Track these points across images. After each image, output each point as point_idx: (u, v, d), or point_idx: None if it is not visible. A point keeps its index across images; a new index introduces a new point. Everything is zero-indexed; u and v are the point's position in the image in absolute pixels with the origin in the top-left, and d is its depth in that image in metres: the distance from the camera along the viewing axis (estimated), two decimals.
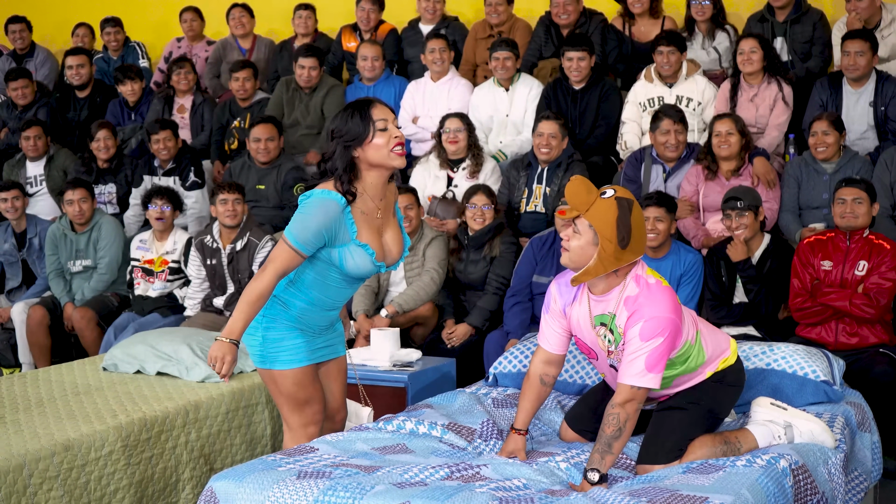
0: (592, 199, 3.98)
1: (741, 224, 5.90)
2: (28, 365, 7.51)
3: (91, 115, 9.17)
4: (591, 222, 3.97)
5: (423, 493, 3.65)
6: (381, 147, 4.03)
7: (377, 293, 6.68)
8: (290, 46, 9.19)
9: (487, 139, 7.80)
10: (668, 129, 6.74)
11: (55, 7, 11.11)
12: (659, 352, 3.95)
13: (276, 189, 7.69)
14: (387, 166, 4.08)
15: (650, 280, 4.05)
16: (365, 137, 4.01)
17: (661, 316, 3.97)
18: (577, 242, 4.01)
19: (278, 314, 4.16)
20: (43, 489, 4.47)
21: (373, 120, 4.01)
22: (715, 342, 4.30)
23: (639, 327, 3.96)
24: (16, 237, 7.96)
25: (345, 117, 4.06)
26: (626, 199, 4.00)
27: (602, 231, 3.96)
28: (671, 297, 4.04)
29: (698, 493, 3.63)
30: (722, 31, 7.87)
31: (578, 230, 4.01)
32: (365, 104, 4.07)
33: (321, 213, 3.98)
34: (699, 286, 6.04)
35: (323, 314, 4.24)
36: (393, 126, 4.06)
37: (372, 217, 4.13)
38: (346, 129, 4.03)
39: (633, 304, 4.01)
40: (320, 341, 4.30)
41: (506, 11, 8.43)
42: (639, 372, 3.94)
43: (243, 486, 3.84)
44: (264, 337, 4.17)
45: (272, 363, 4.19)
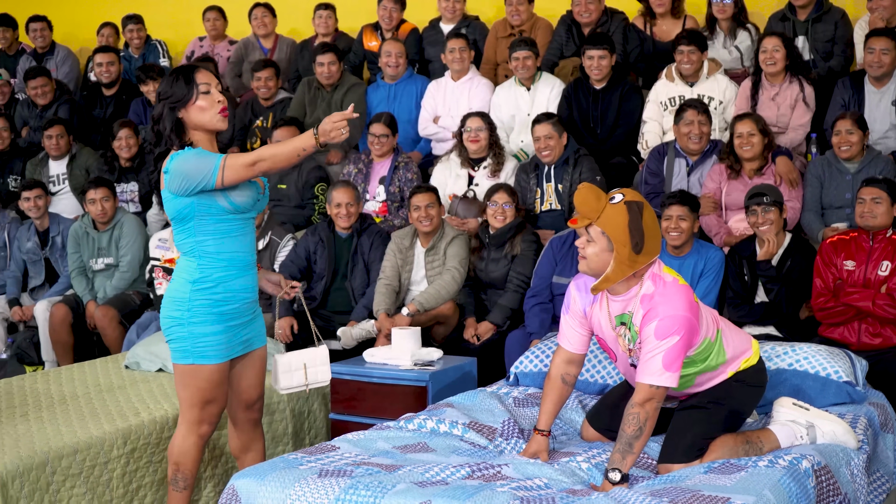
0: (602, 206, 4.00)
1: (767, 220, 5.87)
2: (51, 363, 7.54)
3: (117, 113, 9.20)
4: (604, 229, 3.99)
5: (444, 492, 3.65)
6: (205, 109, 4.22)
7: (398, 292, 6.68)
8: (311, 46, 9.21)
9: (509, 138, 7.80)
10: (692, 121, 6.72)
11: (76, 6, 11.15)
12: (675, 350, 3.95)
13: (298, 188, 7.70)
14: (209, 127, 4.26)
15: (667, 278, 4.06)
16: (189, 100, 4.20)
17: (676, 314, 3.97)
18: (592, 250, 4.03)
19: (204, 305, 4.22)
20: (66, 486, 4.49)
21: (196, 83, 4.21)
22: (737, 342, 4.30)
23: (653, 326, 3.97)
24: (39, 236, 8.00)
25: (170, 81, 4.26)
26: (636, 203, 4.02)
27: (615, 237, 3.97)
28: (687, 295, 4.05)
29: (720, 494, 3.62)
30: (743, 29, 7.83)
31: (592, 238, 4.03)
32: (190, 69, 4.27)
33: (187, 154, 4.14)
34: (718, 282, 6.01)
35: (242, 273, 4.29)
36: (216, 91, 4.25)
37: None
38: (171, 91, 4.23)
39: (649, 302, 4.02)
40: (244, 333, 4.36)
41: (526, 11, 8.42)
42: (656, 371, 3.95)
43: (265, 484, 3.85)
44: (191, 332, 4.22)
45: (195, 357, 4.24)
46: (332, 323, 6.70)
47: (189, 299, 4.21)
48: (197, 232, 4.21)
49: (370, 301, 6.66)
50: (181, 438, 4.35)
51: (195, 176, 4.11)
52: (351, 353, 6.34)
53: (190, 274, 4.22)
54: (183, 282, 4.23)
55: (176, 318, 4.23)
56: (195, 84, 4.20)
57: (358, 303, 6.76)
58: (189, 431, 4.34)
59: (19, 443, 4.55)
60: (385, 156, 7.62)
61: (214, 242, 4.21)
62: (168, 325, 4.27)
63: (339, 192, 6.81)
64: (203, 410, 4.31)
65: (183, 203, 4.16)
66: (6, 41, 10.56)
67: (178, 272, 4.26)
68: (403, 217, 7.34)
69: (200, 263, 4.21)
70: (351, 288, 6.83)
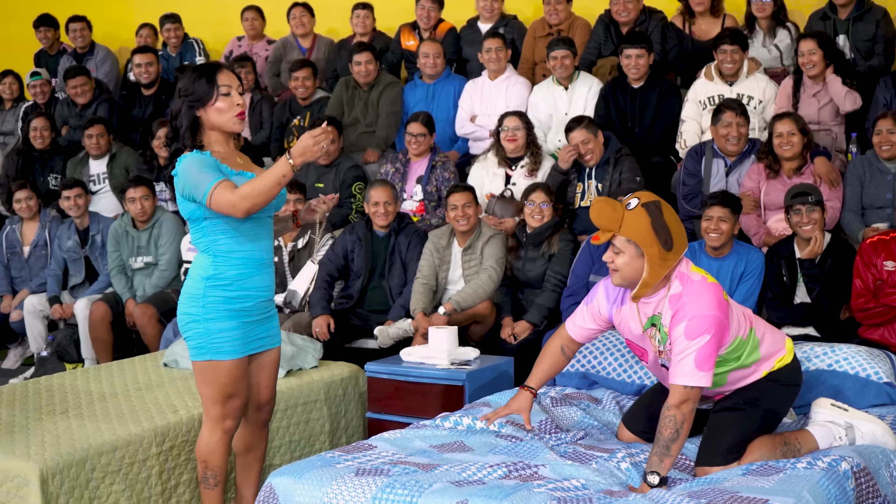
0: (621, 215, 3.99)
1: (811, 219, 5.81)
2: (90, 360, 7.59)
3: (156, 113, 9.25)
4: (629, 236, 3.98)
5: (481, 491, 3.65)
6: (223, 111, 4.21)
7: (435, 291, 6.69)
8: (349, 45, 9.22)
9: (546, 138, 7.78)
10: (730, 122, 6.68)
11: (116, 6, 11.23)
12: (707, 350, 3.93)
13: (335, 187, 7.72)
14: (225, 129, 4.25)
15: (695, 277, 4.05)
16: (208, 100, 4.19)
17: (705, 314, 3.95)
18: (622, 260, 4.02)
19: (218, 301, 4.23)
20: (105, 483, 4.52)
21: (218, 84, 4.19)
22: (771, 340, 4.27)
23: (683, 326, 3.95)
24: (79, 234, 8.05)
25: (192, 78, 4.23)
26: (654, 202, 4.02)
27: (643, 240, 3.96)
28: (716, 293, 4.02)
29: (759, 496, 3.60)
30: (783, 28, 7.78)
31: (619, 248, 4.02)
32: (213, 68, 4.25)
33: (195, 161, 4.15)
34: (759, 285, 5.98)
35: (258, 272, 4.29)
36: (236, 94, 4.23)
37: (233, 159, 4.29)
38: (191, 89, 4.21)
39: (678, 302, 4.00)
40: (259, 331, 4.37)
41: (565, 10, 8.40)
42: (689, 371, 3.92)
43: (302, 482, 3.87)
44: (206, 329, 4.23)
45: (213, 354, 4.25)
46: (369, 322, 6.71)
47: (203, 295, 4.23)
48: (210, 231, 4.22)
49: (407, 300, 6.66)
50: (207, 435, 4.37)
51: (191, 189, 4.14)
52: (388, 352, 6.35)
53: (204, 270, 4.23)
54: (198, 278, 4.25)
55: (191, 315, 4.25)
56: (216, 85, 4.19)
57: (395, 302, 6.77)
58: (214, 428, 4.36)
59: (59, 440, 4.58)
60: (422, 155, 7.63)
61: (228, 241, 4.22)
62: (184, 322, 4.29)
63: (377, 191, 6.82)
64: (225, 406, 4.32)
65: (194, 205, 4.19)
66: (47, 41, 10.65)
67: (194, 268, 4.29)
68: (440, 216, 7.34)
69: (215, 261, 4.23)
70: (388, 287, 6.84)
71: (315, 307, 6.69)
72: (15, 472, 4.31)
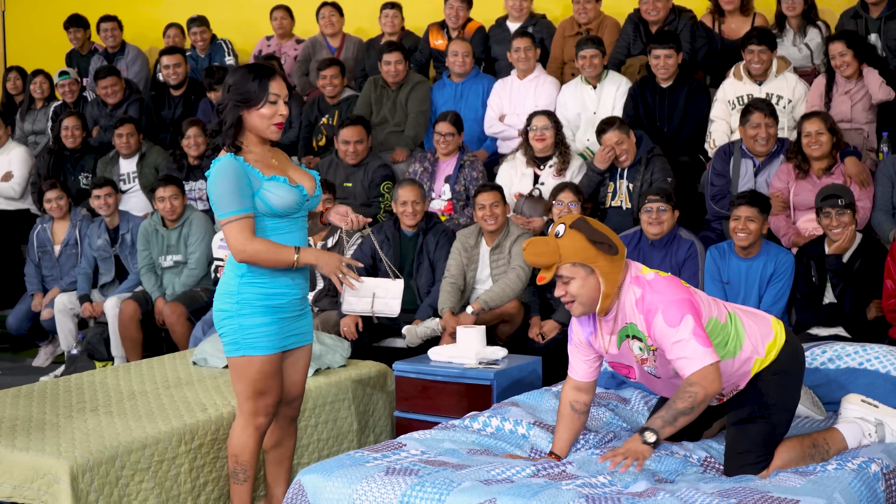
0: (555, 245, 3.96)
1: (841, 222, 5.77)
2: (120, 358, 7.63)
3: (185, 113, 9.29)
4: (573, 260, 3.95)
5: (510, 489, 3.65)
6: (265, 117, 4.23)
7: (463, 290, 6.69)
8: (378, 45, 9.23)
9: (575, 137, 7.77)
10: (759, 123, 6.65)
11: (146, 6, 11.29)
12: (698, 328, 3.89)
13: (364, 187, 7.73)
14: (263, 135, 4.28)
15: (648, 277, 4.03)
16: (256, 103, 4.21)
17: (674, 298, 3.94)
18: (575, 285, 3.98)
19: (251, 297, 4.25)
20: (135, 480, 4.54)
21: (269, 91, 4.21)
22: (755, 324, 4.18)
23: (660, 319, 3.91)
24: (109, 233, 8.09)
25: (246, 77, 4.23)
26: (579, 220, 4.00)
27: (587, 258, 3.94)
28: (674, 282, 4.03)
29: (789, 496, 3.59)
30: (813, 27, 7.74)
31: (568, 277, 3.98)
32: (268, 73, 4.25)
33: (226, 174, 4.16)
34: (789, 286, 5.94)
35: (291, 271, 4.29)
36: (282, 104, 4.25)
37: (267, 160, 4.29)
38: (243, 88, 4.22)
39: (644, 304, 3.97)
40: (294, 328, 4.39)
41: (594, 9, 8.39)
42: (699, 353, 3.86)
43: (331, 480, 3.88)
44: (241, 325, 4.26)
45: (247, 349, 4.27)
46: (397, 321, 6.71)
47: (237, 292, 4.25)
48: None
49: (435, 299, 6.67)
50: (239, 431, 4.40)
51: (214, 202, 4.18)
52: (416, 351, 6.36)
53: (238, 268, 4.26)
54: (232, 275, 4.29)
55: (225, 311, 4.28)
56: (268, 91, 4.20)
57: (423, 301, 6.77)
58: (246, 424, 4.38)
59: (89, 437, 4.61)
60: (450, 154, 7.63)
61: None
62: (219, 319, 4.32)
63: (406, 190, 6.83)
64: (257, 402, 4.35)
65: None
66: (78, 41, 10.71)
67: (228, 266, 4.32)
68: (468, 216, 7.34)
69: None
70: (416, 286, 6.85)
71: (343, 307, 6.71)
72: (46, 470, 4.34)
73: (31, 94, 10.30)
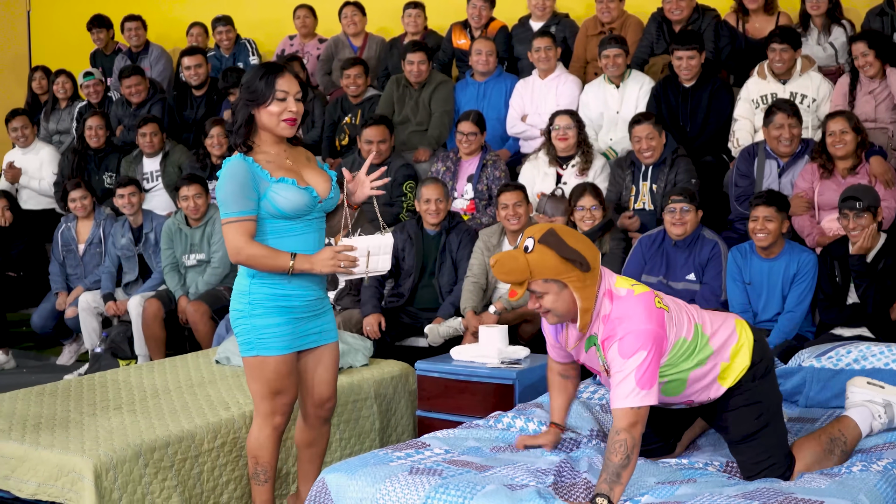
0: (523, 261, 3.82)
1: (858, 225, 5.75)
2: (143, 357, 7.66)
3: (208, 113, 9.31)
4: (544, 276, 3.83)
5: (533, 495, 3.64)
6: (273, 114, 4.22)
7: (485, 290, 6.68)
8: (400, 44, 9.24)
9: (597, 136, 7.75)
10: (782, 124, 6.62)
11: (170, 5, 11.33)
12: (646, 366, 3.73)
13: (386, 186, 7.69)
14: (274, 132, 4.26)
15: (621, 292, 3.88)
16: (264, 101, 4.21)
17: (638, 329, 3.78)
18: (549, 300, 3.86)
19: (262, 297, 4.24)
20: (157, 478, 4.56)
21: (276, 88, 4.20)
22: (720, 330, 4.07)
23: (616, 347, 3.78)
24: (132, 232, 8.12)
25: (256, 76, 4.25)
26: (548, 233, 3.84)
27: (558, 273, 3.81)
28: (646, 303, 3.85)
29: (814, 497, 3.57)
30: (838, 26, 7.70)
31: (540, 292, 3.86)
32: (277, 70, 4.25)
33: (232, 176, 4.16)
34: (812, 287, 5.91)
35: (302, 275, 4.25)
36: (292, 100, 4.23)
37: (281, 162, 4.27)
38: (252, 87, 4.23)
39: (609, 323, 3.84)
40: (310, 327, 4.36)
41: (617, 8, 8.36)
42: (631, 392, 3.72)
43: (355, 479, 3.88)
44: (252, 324, 4.25)
45: (259, 349, 4.26)
46: (420, 320, 6.72)
47: (249, 292, 4.25)
48: (256, 230, 4.22)
49: (457, 298, 6.66)
50: (257, 431, 4.40)
51: (220, 201, 4.19)
52: (438, 350, 6.36)
53: (250, 269, 4.25)
54: (244, 275, 4.29)
55: (239, 311, 4.28)
56: (274, 88, 4.20)
57: (445, 300, 6.77)
58: (263, 424, 4.38)
59: (113, 435, 4.63)
60: (473, 154, 7.63)
61: (273, 241, 4.22)
62: (234, 319, 4.32)
63: (429, 189, 6.83)
64: (273, 402, 4.33)
65: None
66: (101, 41, 10.74)
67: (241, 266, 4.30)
68: (491, 215, 7.34)
69: None
70: (438, 285, 6.85)
71: (366, 305, 6.72)
72: (69, 468, 4.37)
73: (55, 93, 10.34)
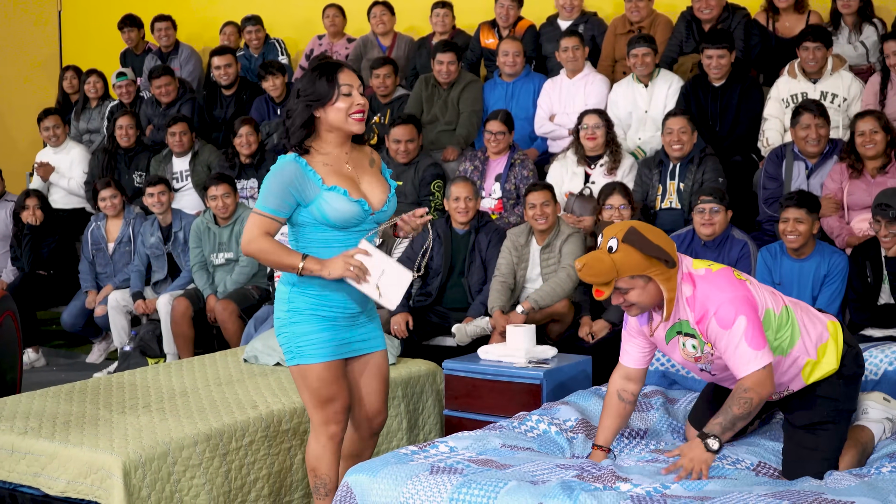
0: (609, 262, 3.90)
1: (890, 232, 5.69)
2: (172, 355, 7.69)
3: (237, 113, 9.34)
4: (630, 274, 3.91)
5: (555, 490, 3.63)
6: (341, 111, 4.11)
7: (513, 289, 6.68)
8: (429, 44, 9.25)
9: (626, 135, 7.73)
10: (809, 124, 6.59)
11: (200, 5, 11.37)
12: (751, 328, 3.88)
13: (414, 185, 7.74)
14: (344, 130, 4.16)
15: (699, 273, 4.00)
16: (329, 99, 4.10)
17: (725, 298, 3.91)
18: (635, 295, 3.96)
19: (302, 305, 4.16)
20: (186, 476, 4.57)
21: (339, 84, 4.10)
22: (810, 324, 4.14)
23: (714, 323, 3.91)
24: (161, 231, 8.16)
25: (312, 78, 4.13)
26: (630, 232, 3.91)
27: (643, 270, 3.91)
28: (726, 276, 3.98)
29: (845, 498, 3.55)
30: (869, 24, 7.65)
31: (626, 288, 3.95)
32: (334, 67, 4.15)
33: (279, 175, 4.06)
34: (843, 287, 5.88)
35: (344, 287, 4.16)
36: (357, 93, 4.13)
37: (339, 167, 4.17)
38: (311, 89, 4.11)
39: (695, 303, 3.95)
40: (354, 335, 4.27)
41: (646, 7, 8.34)
42: (751, 357, 3.88)
43: (378, 480, 3.88)
44: (292, 332, 4.17)
45: (300, 358, 4.18)
46: (448, 319, 6.72)
47: (288, 300, 4.17)
48: (300, 238, 4.17)
49: (487, 298, 6.66)
50: (313, 443, 4.28)
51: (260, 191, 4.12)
52: (465, 349, 6.36)
53: (292, 276, 4.16)
54: (286, 282, 4.20)
55: (280, 320, 4.20)
56: (338, 84, 4.09)
57: (475, 300, 6.77)
58: (318, 434, 4.26)
59: (142, 433, 4.65)
60: (501, 153, 7.62)
61: (317, 251, 4.13)
62: (277, 328, 4.24)
63: (458, 187, 6.83)
64: (325, 411, 4.22)
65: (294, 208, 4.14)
66: (132, 41, 10.80)
67: (284, 273, 4.21)
68: (519, 214, 7.33)
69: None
70: (468, 284, 6.85)
71: None
72: (99, 465, 4.39)
73: (86, 93, 10.40)
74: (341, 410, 4.26)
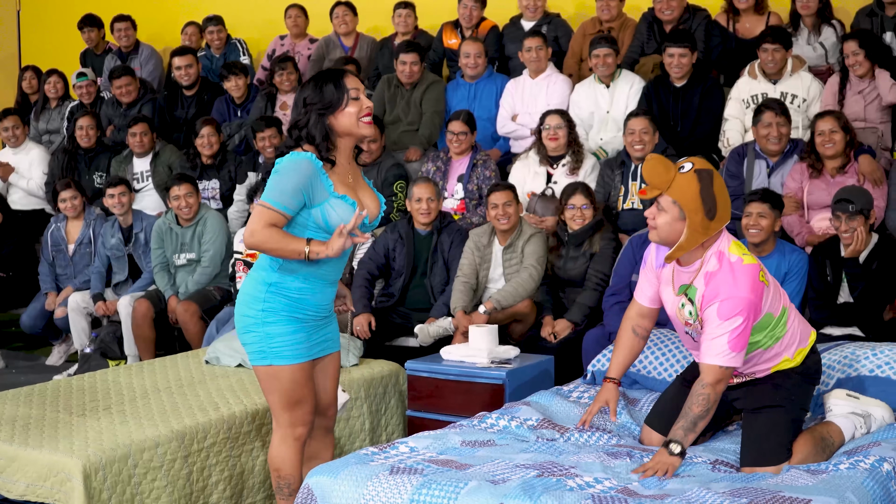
0: (672, 176, 4.03)
1: (850, 227, 5.75)
2: (133, 357, 7.64)
3: (198, 113, 9.30)
4: (675, 198, 4.02)
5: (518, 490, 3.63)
6: (352, 115, 4.12)
7: (475, 289, 6.68)
8: (391, 44, 9.25)
9: (588, 136, 7.76)
10: (770, 122, 6.63)
11: (160, 5, 11.32)
12: (739, 331, 3.98)
13: (377, 186, 7.73)
14: (355, 134, 4.17)
15: (732, 258, 4.06)
16: (339, 106, 4.10)
17: (739, 296, 3.99)
18: (663, 219, 4.06)
19: (277, 306, 4.11)
20: (147, 479, 4.55)
21: (346, 89, 4.11)
22: (798, 329, 4.27)
23: (715, 307, 4.00)
24: (122, 232, 8.10)
25: (318, 86, 4.12)
26: (706, 171, 4.05)
27: (687, 205, 4.00)
28: (752, 274, 4.04)
29: (801, 495, 3.57)
30: (828, 26, 7.71)
31: (663, 207, 4.06)
32: (338, 74, 4.16)
33: (295, 171, 4.02)
34: (803, 285, 5.92)
35: (322, 290, 4.18)
36: (363, 96, 4.16)
37: (344, 177, 4.19)
38: (320, 97, 4.10)
39: (712, 280, 4.03)
40: (319, 336, 4.25)
41: (617, 7, 8.37)
42: (722, 352, 3.99)
43: (338, 481, 3.86)
44: (266, 333, 4.12)
45: (273, 358, 4.13)
46: (411, 320, 6.71)
47: (263, 300, 4.11)
48: None
49: (450, 298, 6.66)
50: (278, 444, 4.26)
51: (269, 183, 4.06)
52: (428, 350, 6.35)
53: (268, 275, 4.11)
54: (260, 281, 4.13)
55: (250, 318, 4.13)
56: (346, 89, 4.09)
57: (438, 300, 6.77)
58: (284, 435, 4.24)
59: (102, 436, 4.62)
60: (463, 154, 7.63)
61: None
62: (242, 325, 4.17)
63: (420, 187, 6.83)
64: (293, 412, 4.20)
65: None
66: (92, 41, 10.74)
67: (257, 270, 4.16)
68: (481, 215, 7.34)
69: (281, 270, 4.10)
70: (430, 285, 6.84)
71: (356, 305, 6.71)
72: (59, 468, 4.36)
73: (46, 93, 10.33)
74: (309, 412, 4.26)
